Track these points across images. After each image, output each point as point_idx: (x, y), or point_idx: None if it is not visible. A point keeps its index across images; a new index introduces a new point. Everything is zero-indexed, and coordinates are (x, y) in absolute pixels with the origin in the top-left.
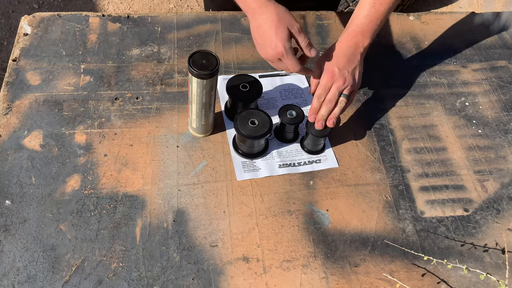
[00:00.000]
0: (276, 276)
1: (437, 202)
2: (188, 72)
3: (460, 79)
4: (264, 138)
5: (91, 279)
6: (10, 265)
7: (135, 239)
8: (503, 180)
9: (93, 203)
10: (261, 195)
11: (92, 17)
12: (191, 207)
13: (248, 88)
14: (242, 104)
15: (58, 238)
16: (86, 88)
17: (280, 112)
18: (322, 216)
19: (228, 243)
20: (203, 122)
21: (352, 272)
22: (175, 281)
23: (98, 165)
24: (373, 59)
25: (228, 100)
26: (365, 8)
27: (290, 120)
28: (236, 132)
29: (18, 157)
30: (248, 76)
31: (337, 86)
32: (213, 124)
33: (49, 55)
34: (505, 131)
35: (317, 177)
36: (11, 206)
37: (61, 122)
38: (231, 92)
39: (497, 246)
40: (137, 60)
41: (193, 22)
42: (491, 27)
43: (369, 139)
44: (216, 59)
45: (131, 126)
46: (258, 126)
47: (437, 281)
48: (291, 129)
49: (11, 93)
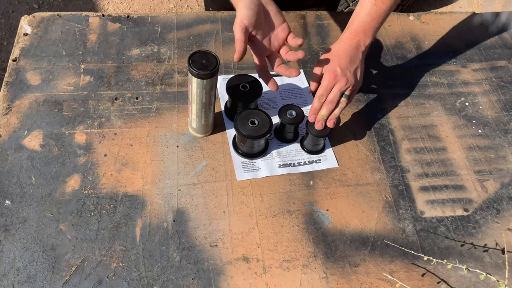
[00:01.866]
0: (276, 276)
1: (437, 202)
2: (188, 72)
3: (460, 79)
4: (264, 138)
5: (91, 279)
6: (10, 265)
7: (135, 239)
8: (503, 180)
9: (93, 203)
10: (261, 195)
11: (92, 17)
12: (191, 207)
13: (248, 88)
14: (242, 104)
15: (58, 238)
16: (86, 88)
17: (280, 112)
18: (322, 216)
19: (228, 243)
20: (203, 122)
21: (352, 272)
22: (175, 281)
23: (98, 165)
24: (373, 59)
25: (228, 100)
26: (367, 6)
27: (290, 120)
28: (236, 132)
29: (18, 157)
30: (248, 76)
31: (339, 86)
32: (213, 124)
33: (49, 55)
34: (505, 131)
35: (317, 177)
36: (11, 206)
37: (61, 122)
38: (231, 92)
39: (497, 246)
40: (137, 60)
41: (193, 22)
42: (491, 27)
43: (369, 139)
44: (216, 59)
45: (131, 126)
46: (258, 126)
47: (437, 281)
48: (291, 129)
49: (11, 93)
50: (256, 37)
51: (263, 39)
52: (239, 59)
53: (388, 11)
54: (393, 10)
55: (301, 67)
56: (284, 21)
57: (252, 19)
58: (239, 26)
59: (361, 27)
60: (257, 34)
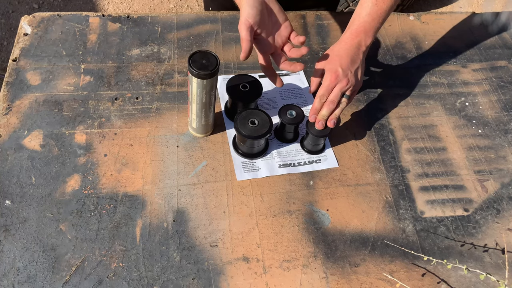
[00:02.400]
0: (276, 276)
1: (437, 202)
2: (188, 72)
3: (460, 79)
4: (264, 138)
5: (91, 279)
6: (10, 265)
7: (135, 239)
8: (503, 180)
9: (93, 203)
10: (261, 195)
11: (92, 17)
12: (191, 207)
13: (248, 88)
14: (242, 104)
15: (58, 238)
16: (86, 88)
17: (280, 112)
18: (322, 216)
19: (228, 243)
20: (203, 122)
21: (352, 272)
22: (175, 281)
23: (98, 165)
24: (373, 59)
25: (228, 100)
26: (367, 6)
27: (290, 120)
28: (236, 132)
29: (18, 157)
30: (248, 76)
31: (341, 87)
32: (213, 124)
33: (49, 55)
34: (505, 131)
35: (317, 177)
36: (11, 206)
37: (61, 122)
38: (231, 92)
39: (497, 246)
40: (137, 60)
41: (193, 22)
42: (491, 27)
43: (369, 139)
44: (216, 59)
45: (131, 126)
46: (258, 126)
47: (437, 281)
48: (291, 129)
49: (11, 93)
50: (261, 35)
51: (268, 37)
52: (245, 58)
53: (389, 11)
54: (393, 10)
55: None
56: (287, 19)
57: (256, 18)
58: (244, 25)
59: (362, 27)
60: (261, 32)
